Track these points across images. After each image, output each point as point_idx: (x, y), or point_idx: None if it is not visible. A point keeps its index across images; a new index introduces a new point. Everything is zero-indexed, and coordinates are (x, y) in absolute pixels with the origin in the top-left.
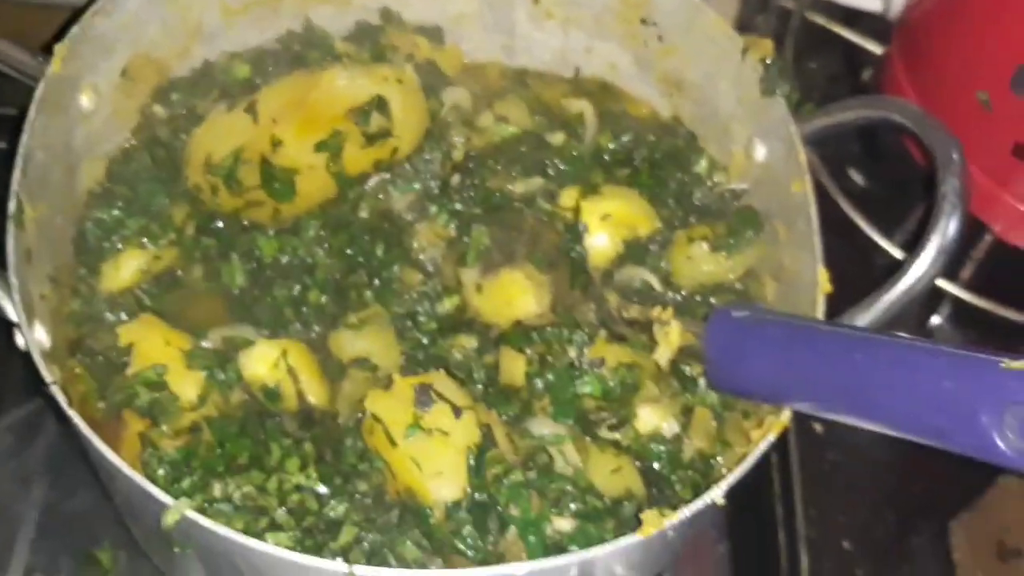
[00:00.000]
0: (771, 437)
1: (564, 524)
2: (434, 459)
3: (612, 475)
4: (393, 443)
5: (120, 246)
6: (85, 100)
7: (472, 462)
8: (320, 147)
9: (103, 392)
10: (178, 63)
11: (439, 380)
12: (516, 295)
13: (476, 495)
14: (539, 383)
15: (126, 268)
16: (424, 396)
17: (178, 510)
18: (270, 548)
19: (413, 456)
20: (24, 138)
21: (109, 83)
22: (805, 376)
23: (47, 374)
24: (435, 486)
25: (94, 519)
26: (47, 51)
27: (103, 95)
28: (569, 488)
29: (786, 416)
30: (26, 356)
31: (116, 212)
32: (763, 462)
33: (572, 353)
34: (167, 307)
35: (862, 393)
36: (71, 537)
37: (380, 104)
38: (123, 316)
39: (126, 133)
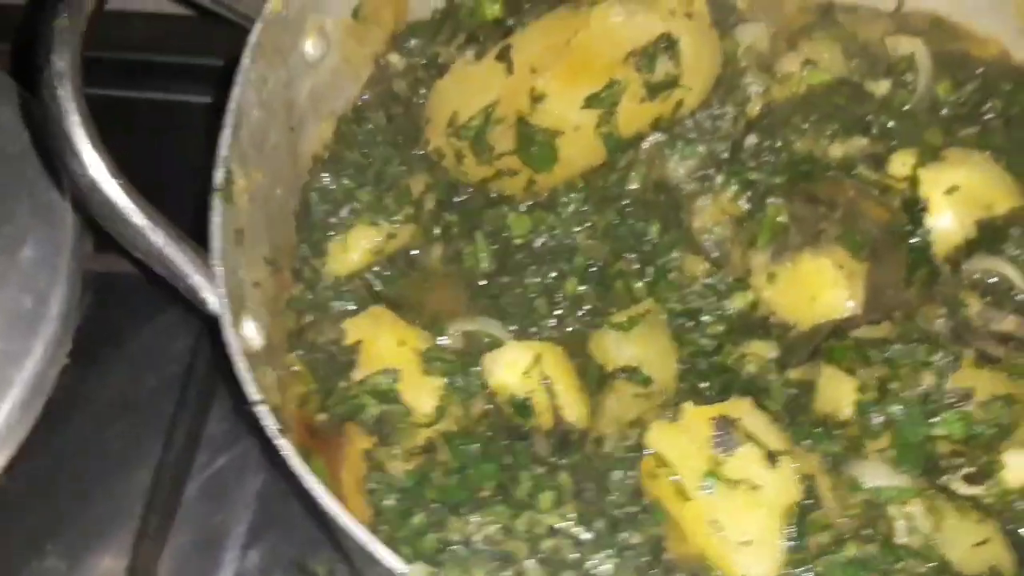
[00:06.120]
0: None
1: None
2: (740, 522)
3: (974, 549)
4: (684, 496)
5: (350, 222)
6: (310, 46)
7: (791, 527)
8: (591, 102)
9: (326, 394)
10: (419, 2)
11: (746, 412)
12: (821, 287)
13: (795, 573)
14: (877, 418)
15: (356, 247)
16: (726, 434)
17: None
18: None
19: (711, 516)
20: (236, 92)
21: (338, 26)
22: None
23: (253, 391)
24: (741, 559)
25: (312, 522)
26: None
27: (331, 40)
28: (921, 569)
29: None
30: None
31: (346, 181)
32: None
33: (927, 380)
34: (401, 293)
35: None
36: (286, 540)
37: (668, 45)
38: (351, 305)
39: (358, 87)
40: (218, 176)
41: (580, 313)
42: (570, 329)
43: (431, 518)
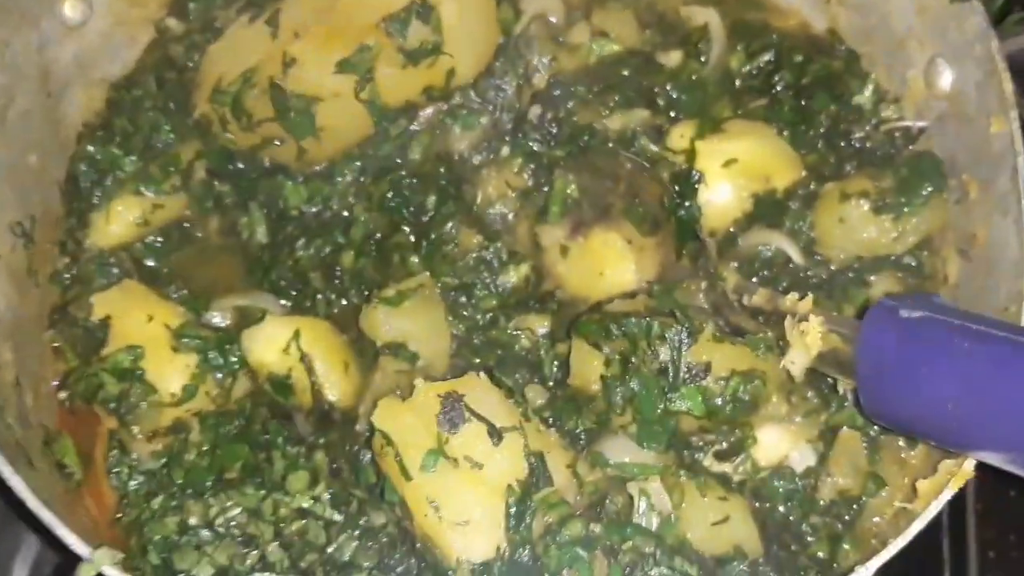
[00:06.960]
0: (947, 495)
1: None
2: (459, 501)
3: (715, 528)
4: (407, 475)
5: (114, 192)
6: (69, 8)
7: (513, 507)
8: (343, 67)
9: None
10: None
11: (476, 387)
12: (609, 262)
13: (516, 553)
14: (619, 393)
15: (118, 219)
16: (452, 411)
17: (95, 567)
18: None
19: (431, 495)
20: None
21: None
22: (1008, 412)
23: None
24: (458, 539)
25: None
26: None
27: (96, 4)
28: (651, 549)
29: (970, 465)
30: None
31: (113, 149)
32: None
33: (665, 354)
34: (175, 267)
35: None
36: None
37: (422, 10)
38: (115, 280)
39: (136, 52)
40: None
41: (358, 287)
42: (347, 303)
43: (173, 501)
